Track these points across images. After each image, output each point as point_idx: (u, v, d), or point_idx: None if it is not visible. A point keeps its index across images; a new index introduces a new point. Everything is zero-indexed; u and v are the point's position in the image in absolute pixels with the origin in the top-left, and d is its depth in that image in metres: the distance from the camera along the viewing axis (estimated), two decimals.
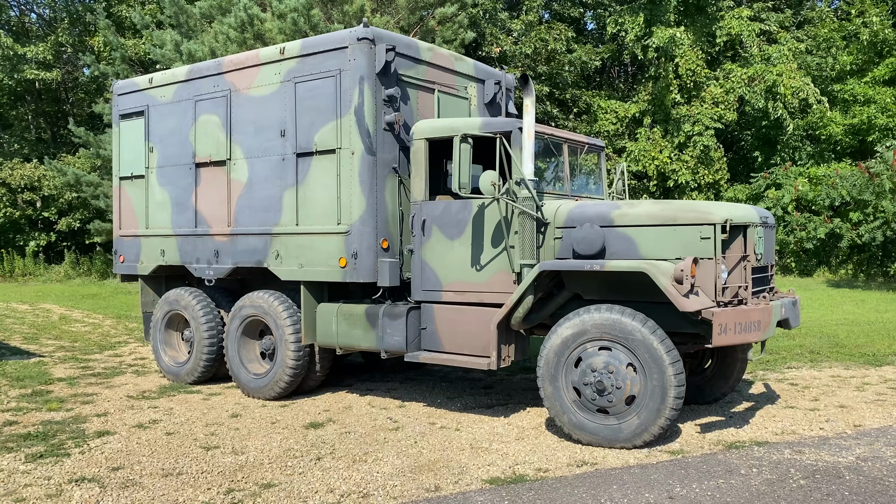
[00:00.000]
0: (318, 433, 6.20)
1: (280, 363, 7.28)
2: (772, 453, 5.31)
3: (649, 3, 21.67)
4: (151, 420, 6.68)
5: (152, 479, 5.10)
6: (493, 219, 6.31)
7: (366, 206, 6.68)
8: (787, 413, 6.53)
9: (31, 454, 5.66)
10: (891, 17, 21.63)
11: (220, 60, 7.82)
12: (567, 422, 5.67)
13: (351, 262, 6.74)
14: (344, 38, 6.76)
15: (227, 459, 5.52)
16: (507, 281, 6.23)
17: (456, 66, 7.72)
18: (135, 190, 8.71)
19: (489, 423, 6.37)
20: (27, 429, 6.41)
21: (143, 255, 8.62)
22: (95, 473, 5.23)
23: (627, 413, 5.46)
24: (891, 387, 7.53)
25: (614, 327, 5.46)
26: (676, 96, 22.09)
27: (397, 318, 6.64)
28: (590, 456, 5.37)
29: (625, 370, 5.44)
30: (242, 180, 7.57)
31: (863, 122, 20.09)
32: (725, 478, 4.79)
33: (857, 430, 5.92)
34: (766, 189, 21.32)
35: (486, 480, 4.92)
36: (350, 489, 4.85)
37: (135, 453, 5.69)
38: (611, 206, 5.96)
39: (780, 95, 20.44)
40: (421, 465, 5.28)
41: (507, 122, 6.29)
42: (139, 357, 10.12)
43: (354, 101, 6.67)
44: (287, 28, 15.80)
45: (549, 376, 5.73)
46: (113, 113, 8.99)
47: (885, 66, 20.78)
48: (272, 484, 4.98)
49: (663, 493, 4.53)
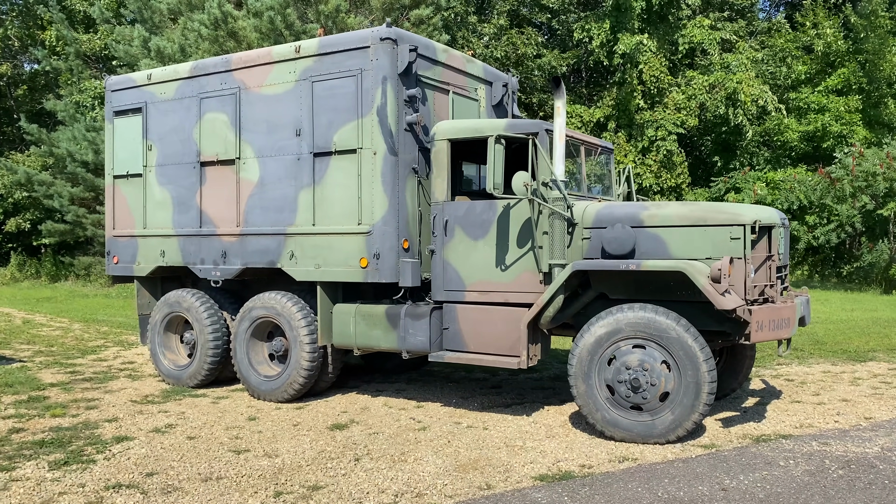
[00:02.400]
0: (346, 434, 6.14)
1: (294, 365, 7.18)
2: (800, 446, 5.52)
3: (615, 11, 22.13)
4: (167, 425, 6.50)
5: (193, 485, 4.98)
6: (518, 219, 6.37)
7: (388, 207, 6.65)
8: (797, 407, 6.78)
9: (54, 461, 5.45)
10: (842, 30, 22.62)
11: (228, 57, 7.68)
12: (600, 419, 5.77)
13: (373, 263, 6.70)
14: (366, 38, 6.73)
15: (262, 463, 5.43)
16: (534, 281, 6.31)
17: (467, 68, 7.76)
18: (131, 189, 8.46)
19: (514, 422, 6.43)
20: (37, 436, 6.17)
21: (140, 256, 8.38)
22: (131, 479, 5.07)
23: (661, 409, 5.59)
24: (882, 381, 7.89)
25: (649, 326, 5.59)
26: (640, 102, 22.60)
27: (420, 319, 6.63)
28: (627, 452, 5.48)
29: (659, 367, 5.57)
30: (253, 179, 7.45)
31: (817, 129, 20.95)
32: (767, 470, 4.95)
33: (870, 422, 6.19)
34: (726, 193, 21.99)
35: (534, 477, 4.97)
36: (401, 489, 4.84)
37: (163, 458, 5.54)
38: (639, 206, 6.09)
39: (741, 103, 21.14)
40: (463, 464, 5.29)
41: (534, 124, 6.37)
42: (126, 361, 9.82)
43: (377, 101, 6.64)
44: (263, 27, 15.59)
45: (582, 374, 5.82)
46: (106, 109, 8.71)
47: (837, 77, 21.72)
48: (318, 486, 4.93)
49: (715, 486, 4.66)
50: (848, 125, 20.53)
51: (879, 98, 21.36)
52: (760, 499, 4.44)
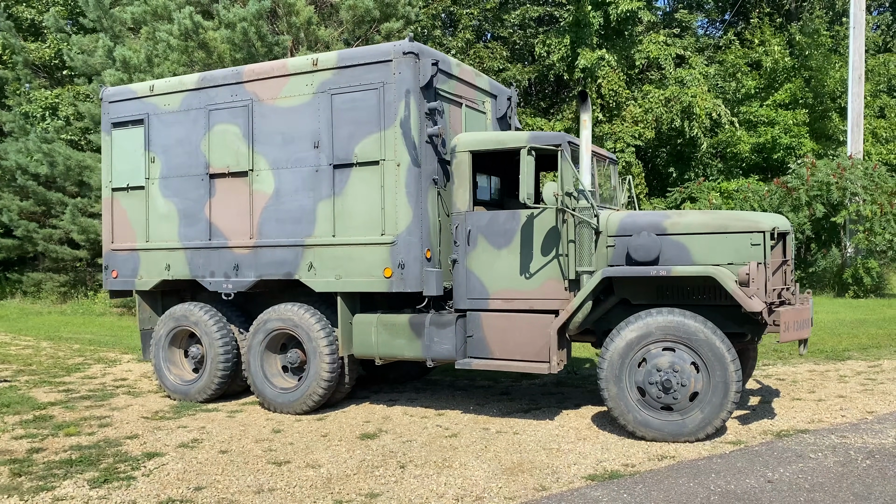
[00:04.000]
0: (379, 443, 6.20)
1: (313, 376, 7.18)
2: (821, 439, 5.85)
3: (574, 26, 22.73)
4: (193, 440, 6.42)
5: (247, 497, 4.97)
6: (542, 228, 6.56)
7: (412, 217, 6.75)
8: (800, 404, 7.15)
9: (92, 479, 5.35)
10: (787, 47, 23.78)
11: (239, 69, 7.66)
12: (632, 420, 5.99)
13: (397, 273, 6.79)
14: (388, 52, 6.83)
15: (307, 473, 5.44)
16: (559, 288, 6.50)
17: (476, 82, 7.94)
18: (131, 201, 8.31)
19: (541, 427, 6.59)
20: (60, 455, 6.01)
21: (142, 270, 8.23)
22: (181, 494, 5.02)
23: (691, 409, 5.85)
24: (867, 378, 8.37)
25: (679, 329, 5.84)
26: (599, 115, 23.21)
27: (446, 327, 6.74)
28: (663, 451, 5.71)
29: (689, 369, 5.83)
30: (268, 191, 7.43)
31: (767, 141, 21.94)
32: (802, 462, 5.25)
33: (874, 416, 6.59)
34: (682, 202, 22.76)
35: (584, 478, 5.14)
36: (458, 493, 4.93)
37: (204, 473, 5.49)
38: (661, 215, 6.36)
39: (696, 116, 21.97)
40: (509, 468, 5.42)
41: (558, 136, 6.59)
42: (118, 378, 9.58)
43: (400, 114, 6.75)
44: (236, 38, 15.45)
45: (613, 377, 6.03)
46: (103, 121, 8.54)
47: (784, 92, 22.81)
48: (375, 493, 4.98)
49: (760, 479, 4.92)
50: (796, 137, 21.57)
51: (824, 112, 22.52)
52: (807, 489, 4.72)
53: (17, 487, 5.21)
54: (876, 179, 16.94)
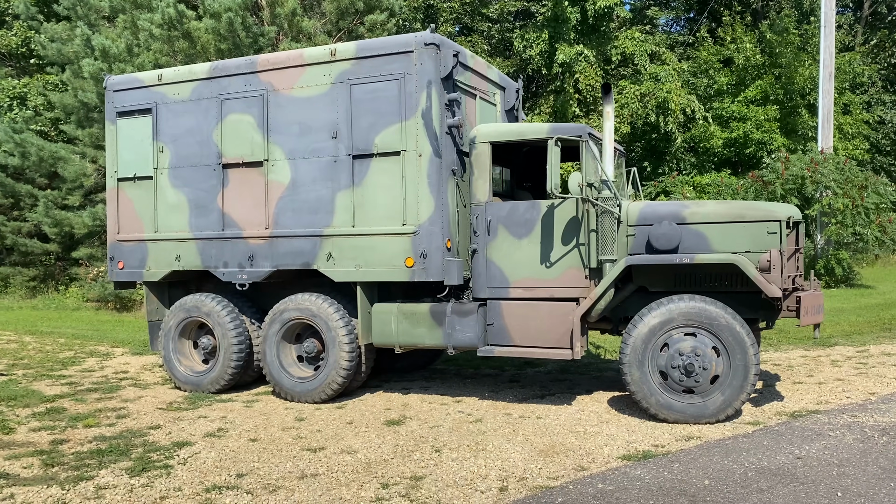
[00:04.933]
0: (407, 430, 6.28)
1: (332, 365, 7.23)
2: (833, 419, 6.13)
3: (552, 21, 22.96)
4: (218, 429, 6.43)
5: (292, 482, 5.02)
6: (563, 218, 6.71)
7: (434, 207, 6.83)
8: (803, 388, 7.44)
9: (128, 469, 5.34)
10: (758, 45, 24.38)
11: (253, 59, 7.63)
12: (654, 403, 6.18)
13: (419, 262, 6.87)
14: (409, 43, 6.89)
15: (345, 458, 5.51)
16: (579, 276, 6.66)
17: (488, 74, 8.05)
18: (138, 192, 8.23)
19: (562, 411, 6.75)
20: (85, 446, 5.97)
21: (150, 261, 8.16)
22: (226, 481, 5.05)
23: (712, 391, 6.07)
24: (858, 362, 8.72)
25: (700, 315, 6.05)
26: (576, 110, 23.52)
27: (468, 315, 6.85)
28: (687, 432, 5.91)
29: (710, 353, 6.04)
30: (284, 181, 7.44)
31: (740, 136, 22.51)
32: (824, 440, 5.50)
33: (877, 396, 6.91)
34: (657, 196, 23.21)
35: (619, 458, 5.31)
36: (501, 475, 5.06)
37: (241, 460, 5.51)
38: (680, 205, 6.56)
39: (671, 111, 22.42)
40: (544, 450, 5.56)
41: (580, 128, 6.73)
42: (118, 371, 9.46)
43: (422, 105, 6.82)
44: (222, 28, 15.28)
45: (636, 362, 6.22)
46: (107, 110, 8.42)
47: (755, 88, 23.41)
48: (418, 476, 5.08)
49: (790, 455, 5.15)
50: (767, 133, 22.18)
51: (793, 108, 23.17)
52: (836, 464, 4.96)
53: (54, 477, 5.17)
54: (847, 174, 17.53)
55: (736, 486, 4.61)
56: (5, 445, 6.02)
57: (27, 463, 5.53)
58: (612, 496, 4.55)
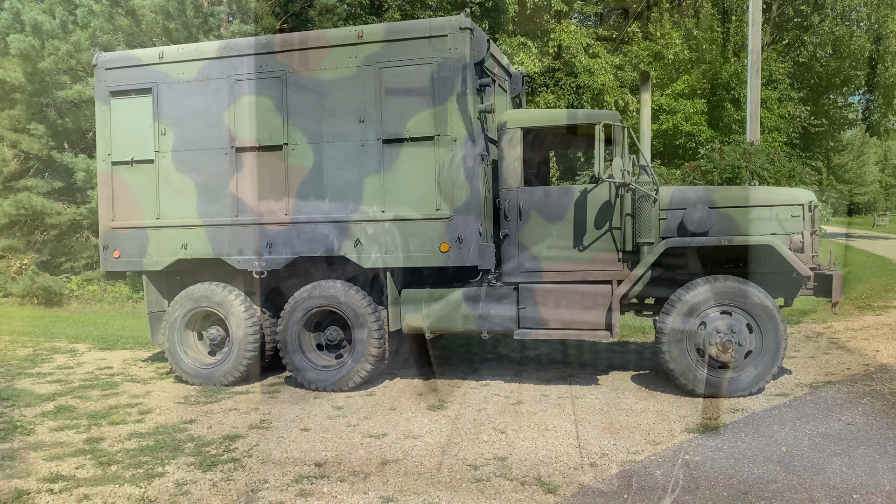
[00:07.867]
0: (453, 413, 6.30)
1: (361, 352, 7.13)
2: (853, 387, 6.62)
3: (493, 12, 23.20)
4: (260, 421, 6.23)
5: (376, 467, 4.98)
6: (596, 202, 6.89)
7: (469, 192, 6.85)
8: (799, 362, 7.94)
9: (196, 463, 5.12)
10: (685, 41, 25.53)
11: (271, 38, 7.37)
12: (692, 379, 6.47)
13: (454, 247, 6.87)
14: (443, 27, 6.85)
15: (413, 443, 5.48)
16: (612, 259, 6.86)
17: (502, 61, 8.12)
18: (136, 176, 7.79)
19: (597, 391, 6.93)
20: (125, 444, 5.66)
21: (151, 249, 7.75)
22: (308, 472, 4.93)
23: (745, 366, 6.42)
24: (832, 339, 9.39)
25: (736, 294, 6.38)
26: None
27: (503, 300, 6.93)
28: (728, 405, 6.23)
29: (745, 330, 6.39)
30: (306, 166, 7.24)
31: (670, 128, 23.55)
32: (860, 406, 5.95)
33: (873, 366, 7.49)
34: None
35: (684, 431, 5.55)
36: (582, 452, 5.18)
37: (309, 450, 5.39)
38: (709, 190, 6.88)
39: (605, 104, 23.16)
40: (606, 427, 5.73)
41: (612, 114, 6.91)
42: (101, 367, 8.91)
43: (457, 89, 6.81)
44: (171, 7, 14.57)
45: (674, 340, 6.49)
46: (98, 89, 7.91)
47: (683, 82, 24.53)
48: (500, 456, 5.13)
49: (840, 421, 5.55)
50: (696, 125, 23.32)
51: (719, 102, 24.45)
52: (883, 426, 5.38)
53: (119, 476, 4.89)
54: (776, 163, 18.70)
55: (812, 452, 4.93)
56: (37, 446, 5.62)
57: (77, 463, 5.19)
58: (706, 465, 4.76)
